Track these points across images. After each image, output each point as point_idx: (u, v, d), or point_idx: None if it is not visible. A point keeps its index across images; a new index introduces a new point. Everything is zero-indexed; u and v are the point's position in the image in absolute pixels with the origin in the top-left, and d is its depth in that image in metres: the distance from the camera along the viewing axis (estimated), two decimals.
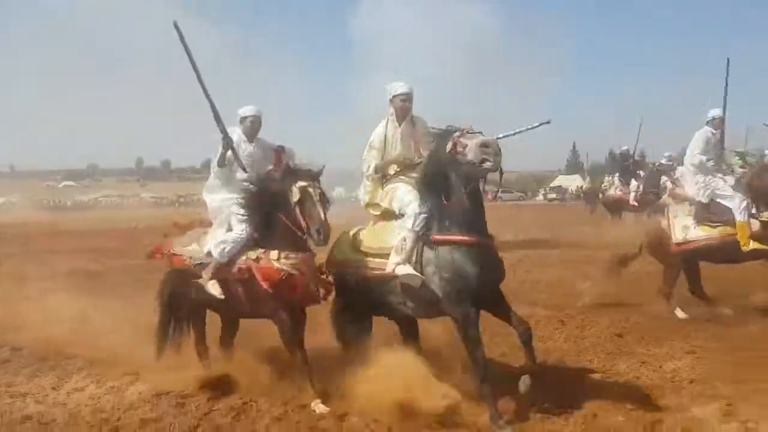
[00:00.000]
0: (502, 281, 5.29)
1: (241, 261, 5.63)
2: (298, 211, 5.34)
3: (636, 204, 19.02)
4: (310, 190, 5.37)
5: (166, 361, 6.07)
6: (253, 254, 5.60)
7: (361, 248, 5.62)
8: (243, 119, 6.12)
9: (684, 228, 8.39)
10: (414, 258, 5.19)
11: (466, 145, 4.91)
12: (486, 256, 5.10)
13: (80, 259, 15.79)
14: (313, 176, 5.48)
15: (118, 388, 5.85)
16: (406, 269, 5.14)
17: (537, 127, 5.99)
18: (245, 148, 6.08)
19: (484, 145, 4.85)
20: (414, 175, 5.55)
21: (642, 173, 19.99)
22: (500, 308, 5.18)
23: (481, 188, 5.24)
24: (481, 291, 5.03)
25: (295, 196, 5.34)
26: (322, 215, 5.28)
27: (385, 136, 5.79)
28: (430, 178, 5.20)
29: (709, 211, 8.27)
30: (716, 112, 8.71)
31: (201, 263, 5.87)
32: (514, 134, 5.89)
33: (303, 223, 5.32)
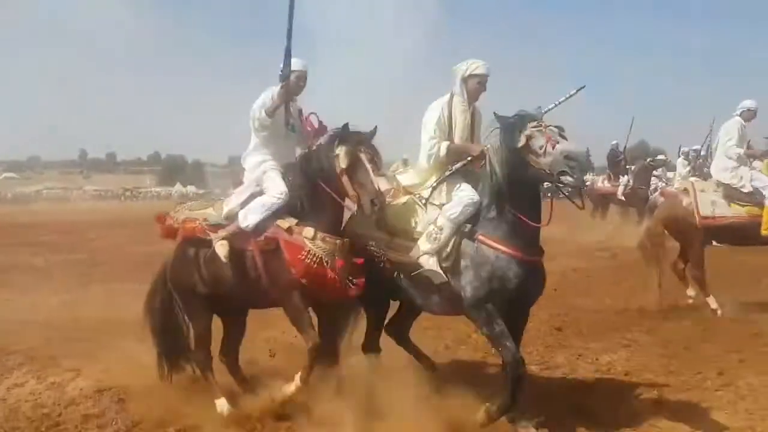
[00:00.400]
0: (537, 298, 4.85)
1: (269, 229, 4.85)
2: (345, 179, 4.64)
3: (623, 198, 19.03)
4: (361, 154, 4.64)
5: (107, 356, 6.01)
6: (284, 223, 4.82)
7: (384, 225, 4.92)
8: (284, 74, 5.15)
9: (712, 203, 8.48)
10: (449, 249, 4.66)
11: (544, 147, 4.27)
12: (531, 271, 4.59)
13: (22, 252, 15.40)
14: (363, 139, 4.76)
15: (59, 384, 5.77)
16: (432, 264, 4.64)
17: (575, 94, 5.10)
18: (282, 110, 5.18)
19: (569, 156, 4.21)
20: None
21: (633, 168, 19.81)
22: (514, 329, 4.67)
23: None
24: (513, 304, 4.61)
25: (343, 161, 4.63)
26: (376, 183, 4.60)
27: (451, 116, 5.05)
28: (491, 173, 4.60)
29: (740, 192, 8.43)
30: (750, 103, 8.80)
31: (217, 224, 5.09)
32: (554, 107, 4.93)
33: (352, 193, 4.64)
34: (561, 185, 4.35)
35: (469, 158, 4.93)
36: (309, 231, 4.73)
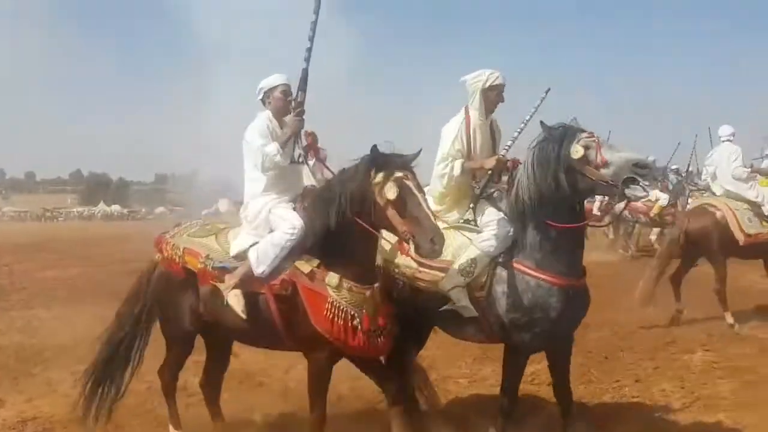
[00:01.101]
0: (581, 321, 4.66)
1: (285, 271, 4.24)
2: (393, 212, 3.88)
3: (599, 213, 19.26)
4: (409, 182, 3.93)
5: (30, 385, 5.84)
6: (304, 266, 4.18)
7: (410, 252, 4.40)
8: (270, 91, 4.59)
9: (749, 221, 8.78)
10: (484, 279, 4.39)
11: (606, 159, 4.02)
12: (575, 294, 4.37)
13: None
14: (406, 164, 4.04)
15: None
16: (463, 299, 4.36)
17: (545, 97, 4.89)
18: (278, 134, 4.53)
19: (639, 164, 4.01)
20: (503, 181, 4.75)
21: None
22: (559, 353, 4.62)
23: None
24: (556, 331, 4.40)
25: (390, 192, 3.85)
26: (433, 217, 3.94)
27: (469, 133, 4.71)
28: (528, 190, 4.28)
29: (761, 209, 8.87)
30: (732, 128, 9.50)
31: (223, 267, 4.46)
32: (531, 117, 4.81)
33: (404, 229, 3.87)
34: (627, 196, 4.09)
35: (489, 173, 4.72)
36: (333, 278, 4.11)
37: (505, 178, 4.80)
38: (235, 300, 4.28)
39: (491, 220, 4.48)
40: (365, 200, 3.98)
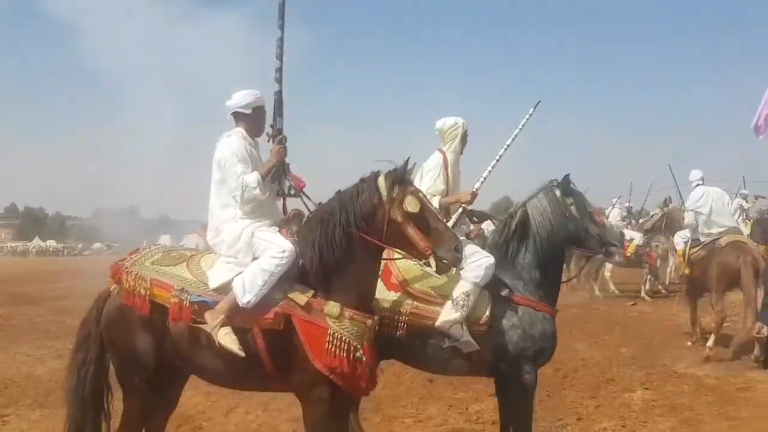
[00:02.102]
0: None
1: (278, 303, 3.84)
2: (410, 228, 3.76)
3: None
4: (422, 195, 3.95)
5: None
6: (299, 296, 3.83)
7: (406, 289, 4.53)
8: (245, 110, 4.27)
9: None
10: (486, 315, 4.47)
11: (603, 222, 5.08)
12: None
13: None
14: (408, 177, 3.99)
15: None
16: (465, 333, 4.36)
17: (533, 112, 5.39)
18: (255, 155, 4.29)
19: (622, 234, 5.54)
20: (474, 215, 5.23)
21: None
22: (510, 402, 4.75)
23: None
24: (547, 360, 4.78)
25: (412, 205, 3.75)
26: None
27: (448, 173, 5.07)
28: (535, 233, 4.66)
29: None
30: (699, 173, 10.08)
31: (204, 301, 3.96)
32: (519, 131, 5.35)
33: (425, 245, 3.76)
34: (605, 254, 5.06)
35: (462, 207, 5.07)
36: (334, 307, 3.77)
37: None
38: (229, 339, 3.77)
39: (473, 252, 4.52)
40: (375, 217, 3.81)
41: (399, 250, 3.96)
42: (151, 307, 4.04)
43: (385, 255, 4.12)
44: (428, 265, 4.51)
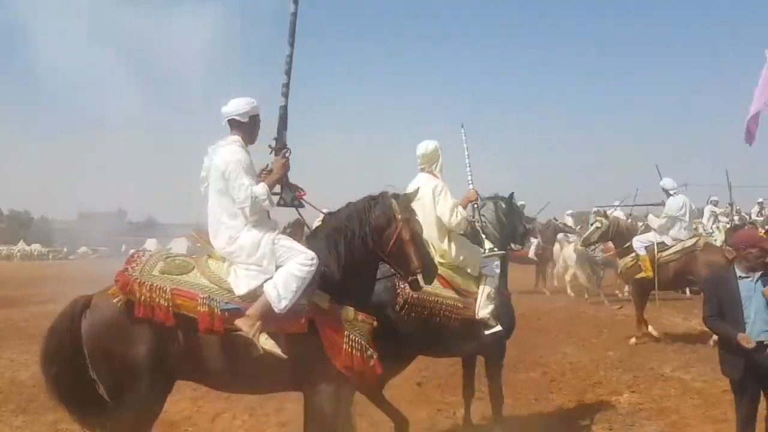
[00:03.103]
0: None
1: (305, 308, 4.05)
2: (411, 247, 4.24)
3: (536, 258, 19.48)
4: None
5: None
6: (321, 300, 4.09)
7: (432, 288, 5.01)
8: (242, 118, 4.33)
9: None
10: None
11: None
12: None
13: None
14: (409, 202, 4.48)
15: None
16: (496, 325, 5.37)
17: (464, 133, 6.42)
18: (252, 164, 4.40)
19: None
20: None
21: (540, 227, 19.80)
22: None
23: None
24: None
25: (418, 226, 4.39)
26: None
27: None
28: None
29: None
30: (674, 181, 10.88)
31: (234, 308, 4.00)
32: (467, 153, 6.30)
33: (417, 263, 4.25)
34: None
35: (474, 205, 5.99)
36: (349, 312, 4.10)
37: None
38: (270, 343, 3.89)
39: (493, 261, 5.65)
40: (384, 232, 4.26)
41: (392, 265, 4.41)
42: (174, 317, 3.95)
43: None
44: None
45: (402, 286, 4.99)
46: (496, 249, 5.80)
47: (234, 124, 4.36)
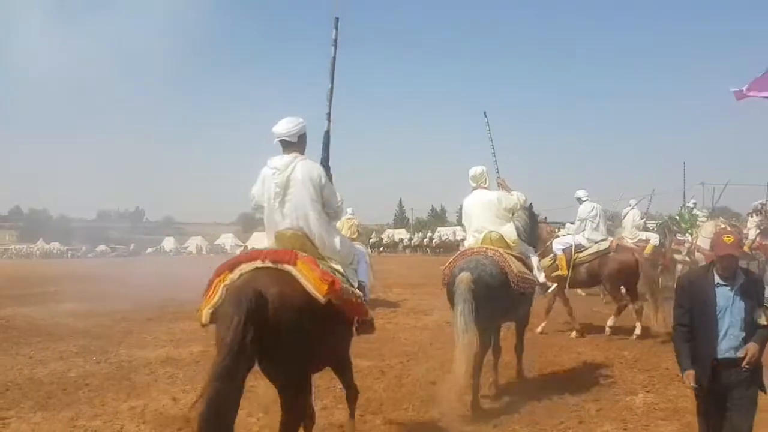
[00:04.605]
0: None
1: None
2: None
3: None
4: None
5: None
6: (357, 291, 4.88)
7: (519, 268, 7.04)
8: (292, 138, 4.88)
9: None
10: None
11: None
12: None
13: None
14: None
15: None
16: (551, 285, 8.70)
17: (487, 121, 8.60)
18: None
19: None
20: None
21: None
22: None
23: None
24: None
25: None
26: None
27: None
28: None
29: None
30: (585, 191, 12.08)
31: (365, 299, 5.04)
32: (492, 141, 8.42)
33: None
34: None
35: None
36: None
37: None
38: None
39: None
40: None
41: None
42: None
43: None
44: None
45: (510, 266, 6.79)
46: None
47: (285, 144, 4.86)
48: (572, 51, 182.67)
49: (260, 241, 5.63)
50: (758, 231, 17.80)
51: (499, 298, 6.62)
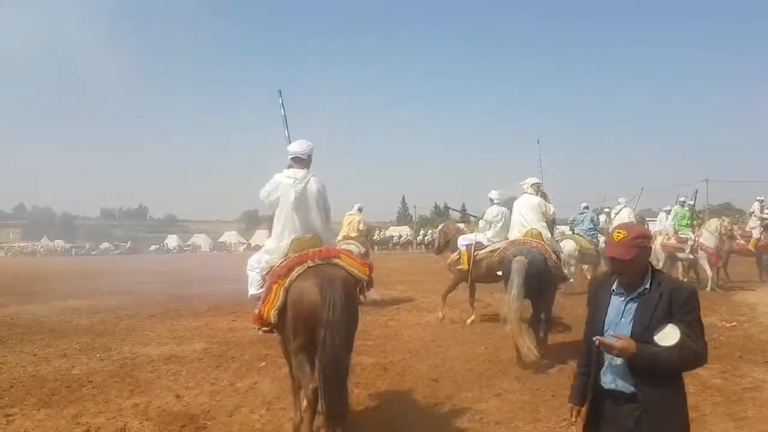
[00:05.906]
0: None
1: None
2: None
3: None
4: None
5: None
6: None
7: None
8: (303, 155, 5.94)
9: None
10: None
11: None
12: None
13: None
14: None
15: None
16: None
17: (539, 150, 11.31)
18: None
19: None
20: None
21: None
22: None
23: None
24: None
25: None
26: None
27: None
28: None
29: None
30: (497, 192, 12.51)
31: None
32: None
33: None
34: None
35: None
36: None
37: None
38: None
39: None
40: None
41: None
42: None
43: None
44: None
45: (551, 255, 8.70)
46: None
47: (296, 160, 5.85)
48: (572, 51, 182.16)
49: (262, 239, 5.91)
50: (762, 229, 17.83)
51: (541, 279, 8.53)
